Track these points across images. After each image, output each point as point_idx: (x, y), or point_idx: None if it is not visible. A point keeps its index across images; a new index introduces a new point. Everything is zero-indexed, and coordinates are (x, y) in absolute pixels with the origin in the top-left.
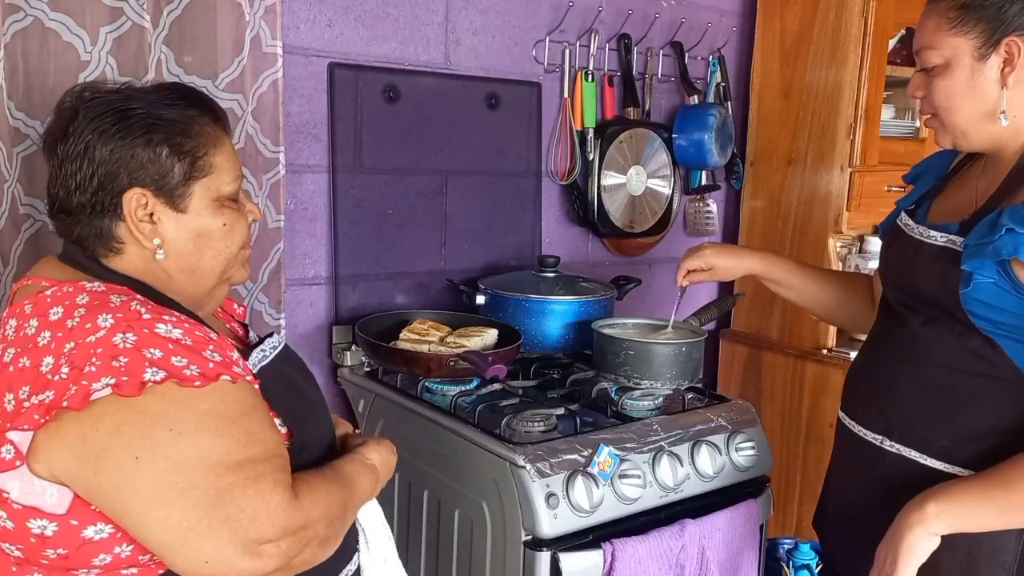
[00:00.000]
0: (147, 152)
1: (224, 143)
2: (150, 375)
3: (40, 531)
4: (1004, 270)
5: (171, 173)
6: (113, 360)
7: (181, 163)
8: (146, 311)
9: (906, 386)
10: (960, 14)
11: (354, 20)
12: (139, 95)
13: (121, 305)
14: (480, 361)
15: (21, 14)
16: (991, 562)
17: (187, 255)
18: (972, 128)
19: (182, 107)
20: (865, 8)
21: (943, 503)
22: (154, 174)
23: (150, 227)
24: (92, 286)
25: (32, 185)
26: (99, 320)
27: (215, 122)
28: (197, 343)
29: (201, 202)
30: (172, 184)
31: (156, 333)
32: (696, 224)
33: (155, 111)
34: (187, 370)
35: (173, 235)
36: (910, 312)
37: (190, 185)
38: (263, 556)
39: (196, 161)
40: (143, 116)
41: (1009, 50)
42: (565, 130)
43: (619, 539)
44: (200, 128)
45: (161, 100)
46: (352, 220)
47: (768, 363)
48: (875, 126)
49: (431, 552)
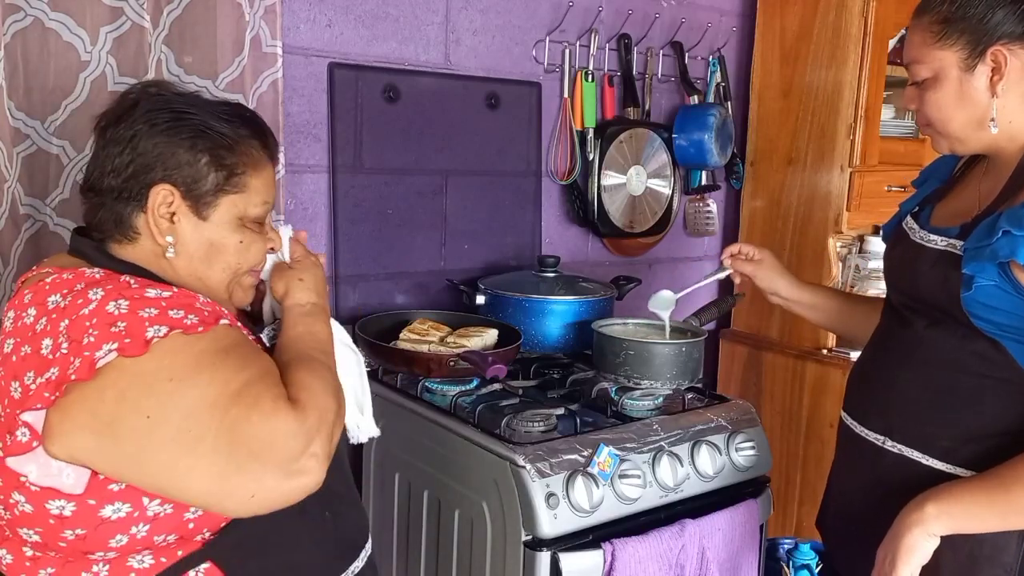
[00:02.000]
0: (188, 155)
1: (265, 168)
2: (153, 332)
3: (59, 512)
4: (1004, 272)
5: (204, 180)
6: (111, 327)
7: (217, 174)
8: (135, 282)
9: (908, 386)
10: (943, 27)
11: (354, 20)
12: (201, 103)
13: (112, 277)
14: (480, 361)
15: (21, 14)
16: (992, 563)
17: (197, 261)
18: (966, 136)
19: (237, 125)
20: (865, 8)
21: (943, 504)
22: (188, 176)
23: (167, 225)
24: (91, 272)
25: (32, 185)
26: (90, 294)
27: (263, 147)
28: (188, 301)
29: (225, 215)
30: (202, 191)
31: (146, 296)
32: (696, 224)
33: (209, 121)
34: (187, 319)
35: (188, 238)
36: (914, 314)
37: (219, 197)
38: (303, 471)
39: (232, 176)
40: (196, 122)
41: (996, 59)
42: (565, 130)
43: (619, 539)
44: (246, 148)
45: (220, 113)
46: (352, 220)
47: (768, 363)
48: (875, 126)
49: (431, 552)
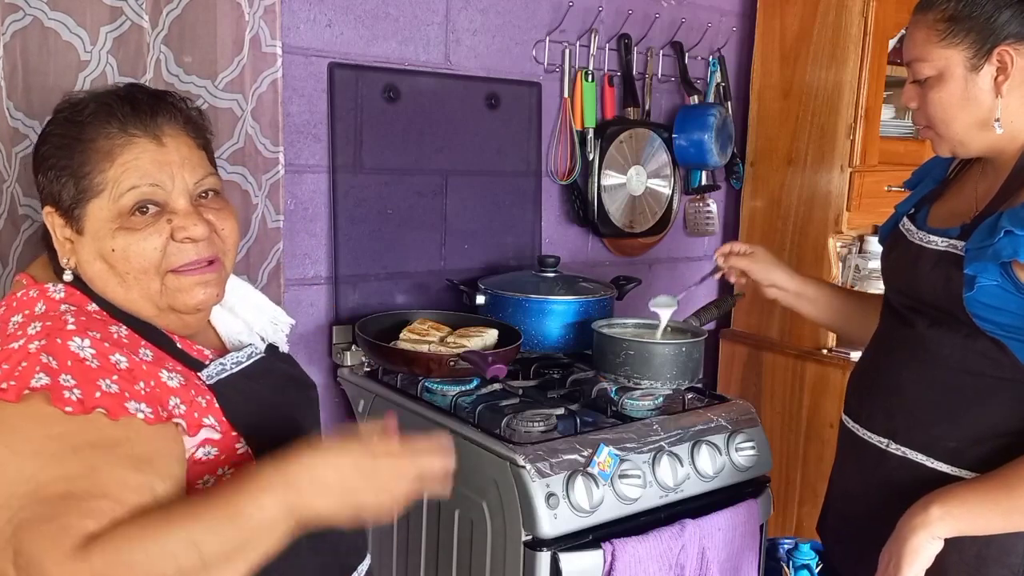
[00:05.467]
0: (43, 173)
1: (128, 148)
2: (34, 381)
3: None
4: (1006, 272)
5: (62, 194)
6: (17, 367)
7: (67, 184)
8: (74, 322)
9: (912, 387)
10: (949, 26)
11: (354, 20)
12: (64, 110)
13: (58, 315)
14: (480, 361)
15: (20, 13)
16: (999, 564)
17: (94, 280)
18: (969, 137)
19: (79, 120)
20: (865, 8)
21: (948, 506)
22: (52, 195)
23: (69, 247)
24: (54, 291)
25: (31, 185)
26: (29, 328)
27: (123, 124)
28: (101, 369)
29: (95, 224)
30: (66, 206)
31: (66, 346)
32: (696, 224)
33: (56, 128)
34: (67, 392)
35: (83, 258)
36: (916, 315)
37: (83, 206)
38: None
39: (80, 181)
40: (45, 134)
41: (1002, 59)
42: (565, 130)
43: (619, 539)
44: (89, 141)
45: (70, 115)
46: (352, 220)
47: (768, 363)
48: (875, 126)
49: (431, 552)
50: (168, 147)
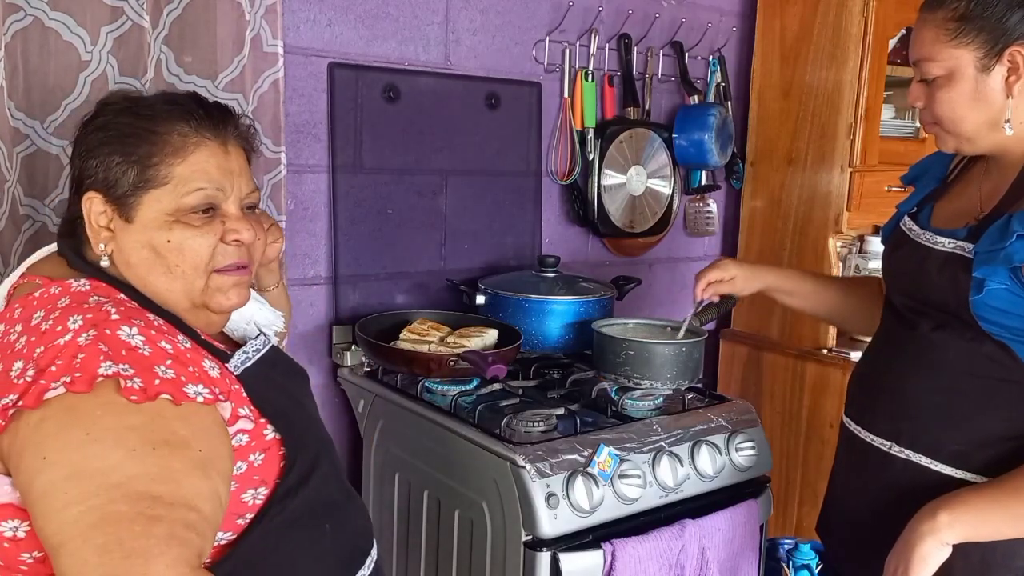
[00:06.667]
0: (101, 156)
1: (197, 150)
2: (103, 369)
3: (12, 533)
4: (1016, 276)
5: (121, 180)
6: (74, 359)
7: (130, 170)
8: (116, 312)
9: (916, 390)
10: (960, 25)
11: (354, 20)
12: (121, 103)
13: (95, 306)
14: (480, 361)
15: (21, 14)
16: (1004, 568)
17: (136, 267)
18: (978, 136)
19: (149, 114)
20: (865, 8)
21: (955, 512)
22: (105, 180)
23: (107, 234)
24: (77, 285)
25: (32, 185)
26: (69, 322)
27: (196, 127)
28: (154, 355)
29: (149, 213)
30: (120, 192)
31: (116, 336)
32: (696, 224)
33: (117, 118)
34: (130, 381)
35: (125, 246)
36: (920, 317)
37: (139, 195)
38: None
39: (146, 169)
40: (101, 123)
41: (1013, 60)
42: (565, 130)
43: (619, 539)
44: (163, 135)
45: (133, 107)
46: (352, 220)
47: (768, 363)
48: (875, 126)
49: (431, 552)
50: (232, 155)
